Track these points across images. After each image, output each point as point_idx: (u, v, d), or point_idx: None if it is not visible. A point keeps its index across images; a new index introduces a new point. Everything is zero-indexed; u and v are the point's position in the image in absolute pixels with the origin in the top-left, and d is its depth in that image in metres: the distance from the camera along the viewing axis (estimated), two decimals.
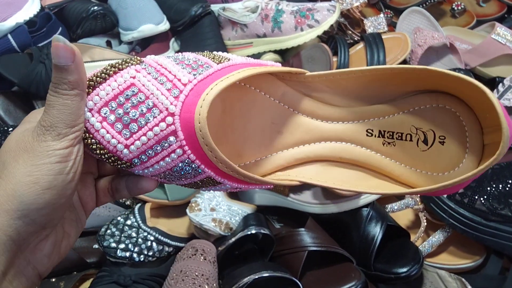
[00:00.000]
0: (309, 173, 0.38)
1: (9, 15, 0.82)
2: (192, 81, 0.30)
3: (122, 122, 0.30)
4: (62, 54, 0.28)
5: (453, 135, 0.34)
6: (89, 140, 0.31)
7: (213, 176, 0.32)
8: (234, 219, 0.74)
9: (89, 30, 0.94)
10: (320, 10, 0.96)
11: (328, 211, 0.74)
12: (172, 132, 0.30)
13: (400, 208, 0.77)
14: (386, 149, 0.36)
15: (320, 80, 0.37)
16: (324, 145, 0.38)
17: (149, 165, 0.32)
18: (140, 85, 0.30)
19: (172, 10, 0.99)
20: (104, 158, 0.32)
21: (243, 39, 1.02)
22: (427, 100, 0.35)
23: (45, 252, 0.31)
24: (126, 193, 0.35)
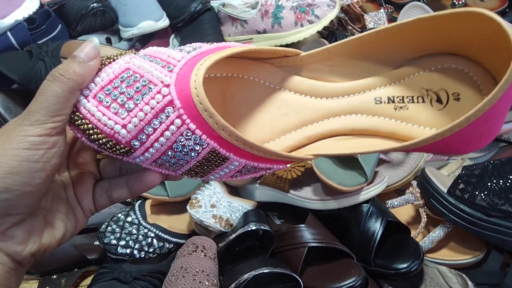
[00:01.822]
0: (323, 148, 0.37)
1: (8, 12, 0.82)
2: (186, 57, 0.31)
3: (118, 103, 0.30)
4: (87, 50, 0.29)
5: (467, 90, 0.33)
6: (85, 126, 0.30)
7: (217, 149, 0.31)
8: (235, 216, 0.74)
9: (88, 27, 0.94)
10: (320, 6, 0.96)
11: (328, 207, 0.74)
12: (169, 103, 0.29)
13: (400, 204, 0.77)
14: (400, 113, 0.35)
15: (316, 59, 0.36)
16: (334, 121, 0.37)
17: (149, 145, 0.31)
18: (135, 67, 0.31)
19: (172, 7, 0.98)
20: (102, 145, 0.31)
21: (243, 35, 1.02)
22: (431, 63, 0.34)
23: (17, 239, 0.30)
24: (125, 192, 0.34)
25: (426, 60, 0.34)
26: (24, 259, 0.31)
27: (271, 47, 0.35)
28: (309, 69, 0.37)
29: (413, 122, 0.35)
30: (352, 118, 0.37)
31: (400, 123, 0.35)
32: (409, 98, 0.35)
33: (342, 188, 0.70)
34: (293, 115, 0.37)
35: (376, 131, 0.36)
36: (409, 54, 0.35)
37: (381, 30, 0.33)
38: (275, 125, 0.37)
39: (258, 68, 0.37)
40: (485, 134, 0.31)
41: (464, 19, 0.30)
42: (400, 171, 0.81)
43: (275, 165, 0.34)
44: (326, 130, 0.37)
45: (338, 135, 0.37)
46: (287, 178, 0.75)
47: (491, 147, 0.89)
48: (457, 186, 0.71)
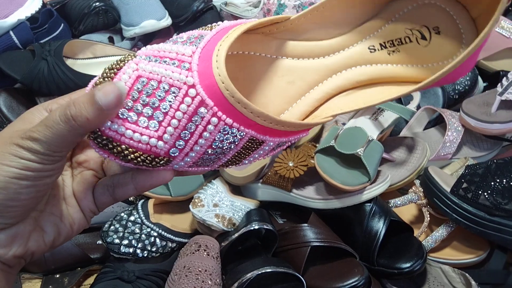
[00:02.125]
0: (336, 107, 0.37)
1: (11, 11, 0.82)
2: (196, 51, 0.29)
3: (144, 116, 0.29)
4: (110, 98, 0.27)
5: (444, 23, 0.35)
6: (117, 149, 0.29)
7: (255, 135, 0.31)
8: (237, 215, 0.74)
9: (91, 26, 0.94)
10: None
11: (331, 207, 0.74)
12: (200, 103, 0.28)
13: (403, 203, 0.77)
14: (394, 57, 0.37)
15: (305, 20, 0.37)
16: (337, 77, 0.38)
17: (189, 149, 0.30)
18: (147, 73, 0.29)
19: (174, 6, 0.98)
20: (140, 162, 0.30)
21: None
22: (408, 2, 0.36)
23: (0, 243, 0.29)
24: (131, 188, 0.33)
25: (402, 2, 0.36)
26: (9, 261, 0.30)
27: (263, 19, 0.35)
28: (301, 31, 0.38)
29: (407, 63, 0.37)
30: (353, 71, 0.38)
31: (396, 66, 0.37)
32: (398, 40, 0.36)
33: (345, 187, 0.70)
34: (298, 81, 0.38)
35: (378, 79, 0.37)
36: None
37: None
38: (285, 95, 0.38)
39: (251, 41, 0.37)
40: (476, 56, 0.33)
41: None
42: (403, 170, 0.80)
43: (301, 134, 0.34)
44: (332, 88, 0.38)
45: (345, 91, 0.38)
46: (289, 177, 0.75)
47: (494, 146, 0.88)
48: (460, 185, 0.71)
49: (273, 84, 0.38)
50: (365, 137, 0.73)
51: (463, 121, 0.86)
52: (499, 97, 0.83)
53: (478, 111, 0.85)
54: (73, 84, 0.80)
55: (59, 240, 0.33)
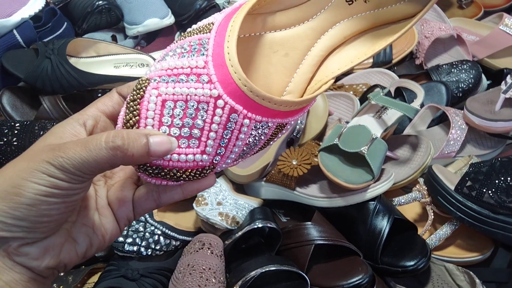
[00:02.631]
0: (333, 67, 0.39)
1: (14, 10, 0.82)
2: (208, 59, 0.30)
3: (183, 137, 0.30)
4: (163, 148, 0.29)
5: None
6: (169, 174, 0.31)
7: (281, 122, 0.33)
8: (241, 213, 0.74)
9: (94, 25, 0.94)
10: None
11: (334, 205, 0.74)
12: (230, 111, 0.30)
13: (407, 201, 0.77)
14: (370, 4, 0.38)
15: None
16: (325, 37, 0.39)
17: (229, 153, 0.32)
18: (171, 96, 0.30)
19: (177, 4, 0.98)
20: (191, 177, 0.32)
21: None
22: None
23: (31, 256, 0.29)
24: (178, 193, 0.33)
25: None
26: (42, 273, 0.30)
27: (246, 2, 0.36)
28: (278, 3, 0.39)
29: (384, 5, 0.38)
30: (338, 27, 0.39)
31: (378, 11, 0.38)
32: None
33: (348, 186, 0.70)
34: (291, 51, 0.39)
35: (364, 28, 0.39)
36: None
37: None
38: (283, 69, 0.39)
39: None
40: None
41: None
42: (406, 169, 0.80)
43: (310, 104, 0.36)
44: (323, 49, 0.39)
45: (337, 48, 0.39)
46: (293, 175, 0.74)
47: (498, 144, 0.88)
48: (464, 184, 0.71)
49: (270, 62, 0.39)
50: (369, 135, 0.73)
51: (467, 119, 0.86)
52: (503, 95, 0.83)
53: (482, 109, 0.85)
54: (77, 82, 0.80)
55: (91, 251, 0.33)
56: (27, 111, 0.86)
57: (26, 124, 0.77)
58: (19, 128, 0.76)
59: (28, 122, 0.77)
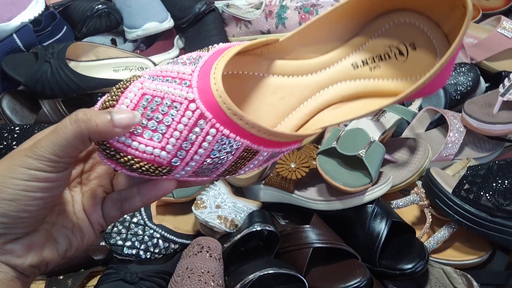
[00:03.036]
0: (324, 120, 0.40)
1: (14, 14, 0.83)
2: (195, 69, 0.32)
3: (149, 129, 0.31)
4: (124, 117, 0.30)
5: (419, 39, 0.37)
6: (124, 159, 0.31)
7: (250, 145, 0.33)
8: (240, 216, 0.74)
9: (94, 29, 0.94)
10: (324, 6, 0.96)
11: (333, 208, 0.74)
12: (199, 116, 0.31)
13: (405, 204, 0.77)
14: (375, 72, 0.40)
15: (293, 41, 0.39)
16: (324, 92, 0.41)
17: (189, 159, 0.32)
18: (151, 91, 0.31)
19: (176, 8, 0.99)
20: (145, 171, 0.32)
21: (247, 36, 1.02)
22: (385, 20, 0.38)
23: (16, 253, 0.31)
24: (138, 201, 0.34)
25: (377, 22, 0.39)
26: (25, 271, 0.31)
27: (253, 41, 0.37)
28: (289, 52, 0.40)
29: (388, 77, 0.39)
30: (338, 87, 0.41)
31: (378, 81, 0.40)
32: (378, 57, 0.39)
33: (346, 189, 0.70)
34: (288, 97, 0.41)
35: (362, 93, 0.40)
36: (366, 18, 0.39)
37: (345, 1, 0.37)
38: (276, 111, 0.40)
39: (244, 61, 0.39)
40: (451, 67, 0.36)
41: None
42: (404, 172, 0.81)
43: (292, 145, 0.37)
44: (320, 102, 0.41)
45: (332, 105, 0.41)
46: (291, 178, 0.75)
47: (496, 147, 0.88)
48: (462, 187, 0.71)
49: (265, 101, 0.40)
50: (367, 139, 0.73)
51: (465, 122, 0.86)
52: (501, 98, 0.83)
53: (480, 112, 0.85)
54: (76, 86, 0.80)
55: (71, 251, 0.34)
56: (26, 115, 0.86)
57: (25, 128, 0.77)
58: (19, 132, 0.76)
59: (27, 126, 0.78)
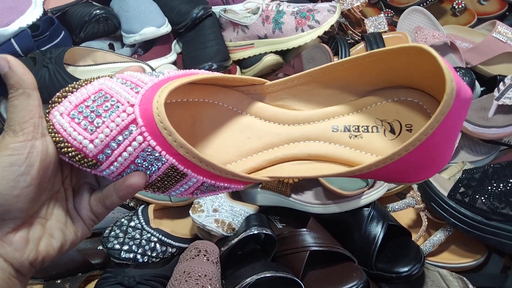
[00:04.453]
0: (280, 171, 0.39)
1: (12, 19, 0.83)
2: (153, 80, 0.33)
3: (88, 120, 0.32)
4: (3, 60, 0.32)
5: (420, 122, 0.35)
6: (57, 139, 0.33)
7: (176, 165, 0.33)
8: (237, 220, 0.74)
9: (91, 33, 0.94)
10: (321, 11, 0.97)
11: (329, 211, 0.74)
12: (132, 121, 0.31)
13: (401, 208, 0.77)
14: (354, 141, 0.37)
15: (280, 87, 0.39)
16: (293, 146, 0.40)
17: (113, 159, 0.33)
18: (107, 88, 0.33)
19: (174, 13, 0.99)
20: (71, 157, 0.33)
21: (244, 40, 1.03)
22: (388, 95, 0.36)
23: (15, 246, 0.32)
24: (115, 197, 0.35)
25: (382, 92, 0.36)
26: (22, 267, 0.32)
27: (238, 76, 0.38)
28: (274, 97, 0.40)
29: (366, 151, 0.37)
30: (309, 144, 0.39)
31: (354, 151, 0.37)
32: (364, 127, 0.37)
33: (343, 193, 0.71)
34: (255, 139, 0.40)
35: (330, 158, 0.38)
36: (366, 86, 0.37)
37: (338, 63, 0.35)
38: (238, 148, 0.40)
39: (227, 94, 0.39)
40: (430, 163, 0.32)
41: (408, 52, 0.31)
42: None
43: (232, 184, 0.36)
44: (285, 154, 0.39)
45: (295, 160, 0.39)
46: (288, 182, 0.75)
47: (491, 150, 0.89)
48: (458, 190, 0.72)
49: (232, 135, 0.40)
50: None
51: None
52: (496, 102, 0.84)
53: (475, 116, 0.86)
54: None
55: (66, 246, 0.35)
56: None
57: None
58: None
59: None
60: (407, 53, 0.32)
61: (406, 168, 0.32)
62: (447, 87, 0.27)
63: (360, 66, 0.35)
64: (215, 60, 0.96)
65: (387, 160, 0.31)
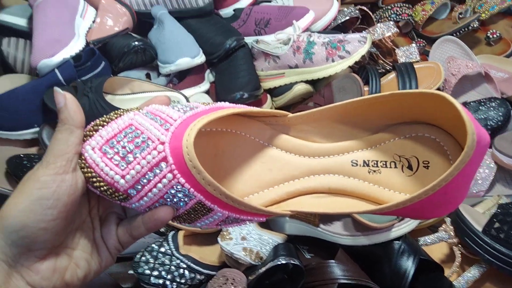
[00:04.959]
0: (300, 204, 0.39)
1: (57, 51, 0.88)
2: (182, 117, 0.34)
3: (119, 155, 0.33)
4: (56, 98, 0.34)
5: (437, 159, 0.35)
6: (89, 174, 0.34)
7: (203, 201, 0.34)
8: (265, 249, 0.74)
9: (130, 64, 0.99)
10: (351, 41, 0.98)
11: (359, 243, 0.73)
12: (163, 159, 0.32)
13: (433, 242, 0.75)
14: (373, 176, 0.38)
15: (302, 120, 0.39)
16: (313, 178, 0.40)
17: (143, 194, 0.34)
18: (137, 123, 0.34)
19: (208, 44, 1.03)
20: (103, 191, 0.34)
21: (275, 70, 1.05)
22: (406, 131, 0.37)
23: (42, 275, 0.33)
24: (143, 229, 0.36)
25: (401, 128, 0.37)
26: None
27: (262, 109, 0.38)
28: (295, 129, 0.41)
29: (384, 186, 0.37)
30: (329, 178, 0.40)
31: (372, 186, 0.38)
32: (383, 162, 0.38)
33: (372, 225, 0.70)
34: (276, 170, 0.40)
35: (350, 192, 0.38)
36: (386, 121, 0.38)
37: (361, 100, 0.35)
38: (260, 179, 0.40)
39: (250, 125, 0.40)
40: (446, 203, 0.33)
41: (429, 98, 0.32)
42: None
43: (255, 217, 0.36)
44: (305, 187, 0.40)
45: (315, 193, 0.40)
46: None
47: None
48: (492, 225, 0.69)
49: (254, 166, 0.41)
50: None
51: (495, 158, 0.85)
52: None
53: (510, 148, 0.84)
54: None
55: (90, 275, 0.36)
56: None
57: None
58: None
59: None
60: (426, 98, 0.32)
61: (422, 207, 0.32)
62: (468, 139, 0.28)
63: (382, 104, 0.36)
64: (246, 89, 0.98)
65: (415, 199, 0.31)
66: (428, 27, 1.20)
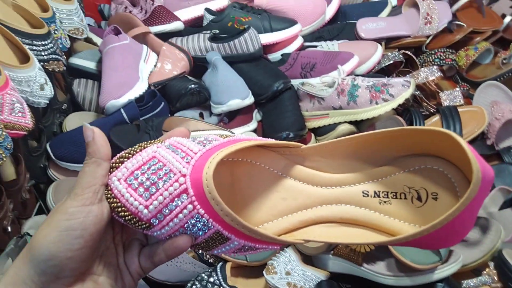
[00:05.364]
0: (313, 233, 0.41)
1: (124, 93, 0.98)
2: (202, 150, 0.36)
3: (143, 186, 0.35)
4: (85, 133, 0.37)
5: (445, 191, 0.36)
6: (115, 204, 0.35)
7: (221, 231, 0.35)
8: (308, 285, 0.77)
9: (186, 104, 1.07)
10: (395, 85, 1.02)
11: (401, 284, 0.75)
12: (184, 190, 0.34)
13: (476, 285, 0.76)
14: (383, 207, 0.39)
15: (315, 152, 0.41)
16: (325, 208, 0.41)
17: (165, 223, 0.35)
18: (160, 156, 0.36)
19: (257, 86, 1.10)
20: (127, 220, 0.36)
21: (320, 111, 1.10)
22: (416, 163, 0.38)
23: None
24: (163, 256, 0.38)
25: (411, 160, 0.38)
26: None
27: (276, 141, 0.41)
28: (308, 160, 0.43)
29: (394, 217, 0.39)
30: (341, 207, 0.41)
31: (383, 216, 0.39)
32: (393, 194, 0.39)
33: (415, 266, 0.72)
34: (290, 199, 0.42)
35: (361, 222, 0.40)
36: (396, 153, 0.39)
37: (372, 134, 0.37)
38: (274, 208, 0.42)
39: (265, 155, 0.43)
40: (453, 235, 0.34)
41: (437, 136, 0.34)
42: (476, 251, 0.80)
43: (269, 245, 0.38)
44: (317, 216, 0.41)
45: (327, 222, 0.41)
46: (360, 251, 0.78)
47: None
48: None
49: (268, 195, 0.42)
50: None
51: None
52: None
53: None
54: None
55: None
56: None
57: None
58: None
59: None
60: (434, 135, 0.35)
61: (431, 239, 0.34)
62: (474, 176, 0.30)
63: (393, 137, 0.38)
64: (292, 129, 1.03)
65: (424, 232, 0.33)
66: (472, 72, 1.22)
